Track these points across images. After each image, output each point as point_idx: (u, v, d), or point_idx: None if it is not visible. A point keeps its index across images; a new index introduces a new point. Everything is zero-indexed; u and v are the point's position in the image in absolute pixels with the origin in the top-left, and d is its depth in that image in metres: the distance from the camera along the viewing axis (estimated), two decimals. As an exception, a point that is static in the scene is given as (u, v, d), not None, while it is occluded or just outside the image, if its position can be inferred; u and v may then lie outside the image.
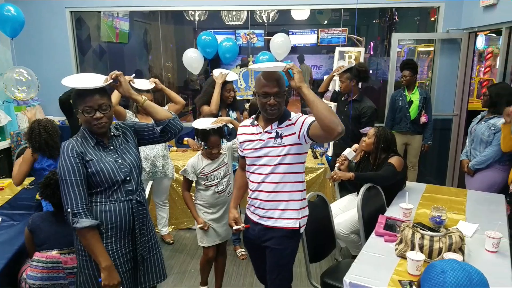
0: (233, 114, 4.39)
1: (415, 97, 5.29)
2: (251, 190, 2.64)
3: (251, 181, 2.62)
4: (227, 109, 4.34)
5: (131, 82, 2.55)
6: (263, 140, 2.50)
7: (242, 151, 2.66)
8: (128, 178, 2.30)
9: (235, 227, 2.68)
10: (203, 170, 3.31)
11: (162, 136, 2.44)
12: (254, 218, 2.63)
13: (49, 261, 2.69)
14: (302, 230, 2.60)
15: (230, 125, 3.98)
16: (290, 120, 2.49)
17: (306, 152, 2.55)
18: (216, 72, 4.26)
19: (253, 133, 2.56)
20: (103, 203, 2.25)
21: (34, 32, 5.90)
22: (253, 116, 2.63)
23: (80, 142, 2.24)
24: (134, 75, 2.62)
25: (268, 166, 2.49)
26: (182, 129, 2.51)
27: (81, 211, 2.14)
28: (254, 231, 2.64)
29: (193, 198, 3.43)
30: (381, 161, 3.70)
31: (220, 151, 3.36)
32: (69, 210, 2.13)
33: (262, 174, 2.52)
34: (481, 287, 1.36)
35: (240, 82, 5.83)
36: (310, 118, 2.40)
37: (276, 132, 2.47)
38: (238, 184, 2.87)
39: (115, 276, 2.24)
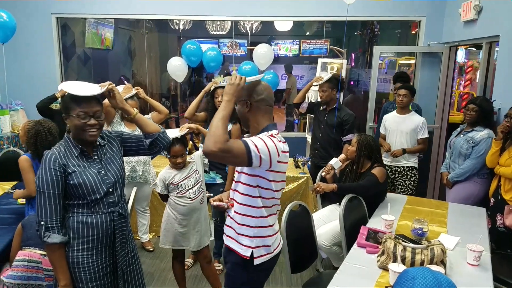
0: (229, 126, 3.87)
1: None
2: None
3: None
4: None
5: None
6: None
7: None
8: (111, 190, 2.26)
9: (215, 203, 2.37)
10: (172, 181, 3.29)
11: (150, 149, 2.44)
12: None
13: (30, 260, 2.71)
14: (256, 262, 2.26)
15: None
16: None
17: (263, 177, 2.19)
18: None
19: None
20: (84, 214, 2.20)
21: (20, 37, 5.83)
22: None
23: (63, 153, 2.18)
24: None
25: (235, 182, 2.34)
26: (170, 143, 2.54)
27: (54, 225, 2.12)
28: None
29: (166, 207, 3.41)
30: (365, 170, 3.74)
31: (187, 160, 3.34)
32: (42, 222, 2.10)
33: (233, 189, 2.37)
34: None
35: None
36: None
37: None
38: None
39: None
